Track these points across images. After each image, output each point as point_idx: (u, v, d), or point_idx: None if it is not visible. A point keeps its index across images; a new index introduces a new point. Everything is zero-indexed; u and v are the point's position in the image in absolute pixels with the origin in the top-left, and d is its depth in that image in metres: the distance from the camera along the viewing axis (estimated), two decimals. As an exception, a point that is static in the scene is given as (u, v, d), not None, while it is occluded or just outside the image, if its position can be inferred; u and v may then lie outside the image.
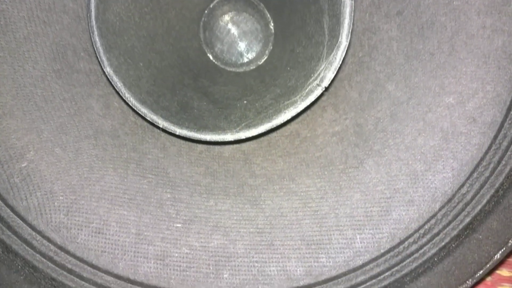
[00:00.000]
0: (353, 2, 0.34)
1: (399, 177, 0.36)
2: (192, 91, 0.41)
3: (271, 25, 0.47)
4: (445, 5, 0.35)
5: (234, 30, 0.47)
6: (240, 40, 0.47)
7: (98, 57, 0.35)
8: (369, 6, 0.39)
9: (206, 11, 0.48)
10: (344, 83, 0.40)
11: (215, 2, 0.47)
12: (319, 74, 0.35)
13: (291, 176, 0.39)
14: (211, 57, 0.46)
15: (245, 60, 0.46)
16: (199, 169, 0.40)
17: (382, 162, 0.37)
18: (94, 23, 0.35)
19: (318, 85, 0.35)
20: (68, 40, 0.38)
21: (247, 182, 0.39)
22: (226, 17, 0.48)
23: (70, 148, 0.37)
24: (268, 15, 0.47)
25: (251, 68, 0.46)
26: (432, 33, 0.36)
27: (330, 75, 0.35)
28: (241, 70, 0.46)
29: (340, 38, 0.34)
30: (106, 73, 0.35)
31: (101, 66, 0.35)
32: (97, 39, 0.35)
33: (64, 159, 0.36)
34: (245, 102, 0.40)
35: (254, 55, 0.46)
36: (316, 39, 0.38)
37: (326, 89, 0.35)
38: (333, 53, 0.34)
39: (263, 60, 0.46)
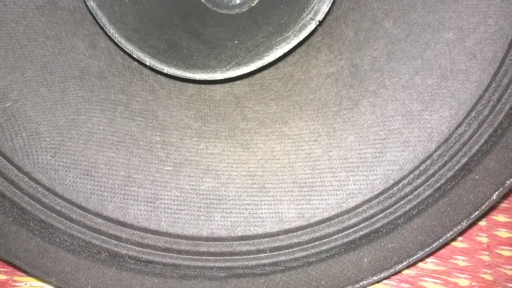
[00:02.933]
0: None
1: (395, 117, 0.35)
2: (181, 31, 0.40)
3: (265, -37, 0.44)
4: None
5: (225, -31, 0.44)
6: (232, -20, 0.45)
7: (80, -11, 0.33)
8: None
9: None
10: (340, 22, 0.38)
11: None
12: (312, 8, 0.33)
13: (283, 119, 0.38)
14: (201, -2, 0.45)
15: (237, 1, 0.44)
16: (190, 113, 0.39)
17: (378, 102, 0.36)
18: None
19: (312, 19, 0.33)
20: (50, -26, 0.36)
21: (239, 125, 0.38)
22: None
23: (56, 89, 0.36)
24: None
25: (244, 10, 0.44)
26: (432, -36, 0.34)
27: (324, 8, 0.33)
28: (233, 12, 0.44)
29: (335, -32, 0.32)
30: (89, 7, 0.34)
31: (84, 0, 0.34)
32: (78, -29, 0.33)
33: (50, 100, 0.35)
34: (236, 42, 0.38)
35: (247, -4, 0.44)
36: (311, -28, 0.36)
37: (320, 23, 0.34)
38: (327, -16, 0.32)
39: (256, 1, 0.44)
